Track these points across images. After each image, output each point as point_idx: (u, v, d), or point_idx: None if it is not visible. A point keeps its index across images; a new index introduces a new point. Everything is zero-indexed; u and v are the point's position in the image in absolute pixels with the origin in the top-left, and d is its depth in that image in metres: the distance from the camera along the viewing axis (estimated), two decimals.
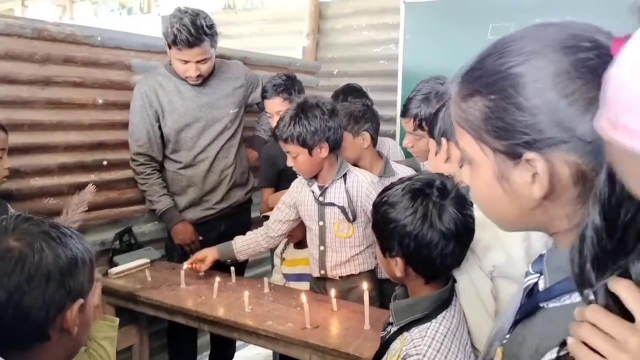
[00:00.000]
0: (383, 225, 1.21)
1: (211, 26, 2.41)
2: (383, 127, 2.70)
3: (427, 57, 3.47)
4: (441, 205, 1.15)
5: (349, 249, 2.14)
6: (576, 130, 0.58)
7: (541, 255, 0.71)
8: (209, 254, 2.27)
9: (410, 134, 2.13)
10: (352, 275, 2.16)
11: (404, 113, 2.13)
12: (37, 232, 1.00)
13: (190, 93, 2.55)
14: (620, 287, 0.51)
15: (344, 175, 2.11)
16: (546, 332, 0.55)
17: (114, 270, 2.37)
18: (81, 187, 2.39)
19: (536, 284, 0.69)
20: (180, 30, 2.32)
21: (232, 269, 2.31)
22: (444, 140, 1.35)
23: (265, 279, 2.25)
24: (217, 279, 2.16)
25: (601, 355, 0.51)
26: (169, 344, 2.78)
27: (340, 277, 2.17)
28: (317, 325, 1.84)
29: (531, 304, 0.67)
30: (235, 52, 3.06)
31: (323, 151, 2.04)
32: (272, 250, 2.68)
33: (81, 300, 1.03)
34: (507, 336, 0.71)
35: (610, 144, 0.46)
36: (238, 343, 3.00)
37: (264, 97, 2.72)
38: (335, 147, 2.08)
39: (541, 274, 0.69)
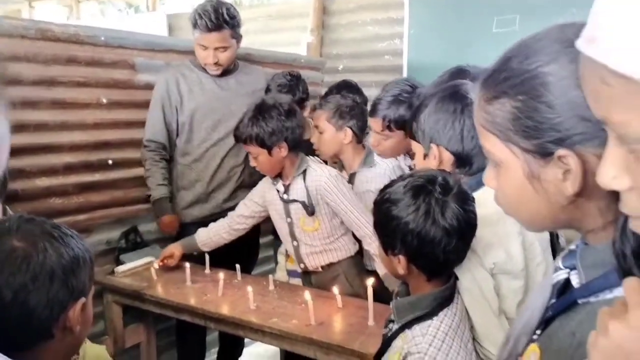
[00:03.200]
0: (385, 222, 1.20)
1: (233, 16, 2.50)
2: None
3: (432, 51, 3.46)
4: (444, 202, 1.14)
5: (318, 241, 2.20)
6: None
7: (570, 251, 0.71)
8: (175, 250, 2.38)
9: (378, 133, 2.16)
10: (332, 264, 2.23)
11: (372, 113, 2.16)
12: (40, 233, 1.01)
13: (210, 85, 2.62)
14: (625, 282, 0.51)
15: (304, 172, 2.16)
16: (590, 327, 0.55)
17: (120, 268, 2.38)
18: (87, 186, 2.42)
19: (568, 279, 0.69)
20: (201, 15, 2.44)
21: (238, 266, 2.32)
22: (433, 146, 1.35)
23: (270, 276, 2.25)
24: (222, 276, 2.16)
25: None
26: (178, 341, 2.79)
27: (321, 267, 2.23)
28: (322, 322, 1.84)
29: (568, 299, 0.67)
30: (240, 49, 3.05)
31: (282, 151, 2.09)
32: (276, 249, 2.70)
33: (83, 299, 1.04)
34: (538, 332, 0.71)
35: (583, 62, 0.48)
36: (246, 340, 3.01)
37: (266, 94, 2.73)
38: (294, 146, 2.13)
39: (572, 269, 0.69)
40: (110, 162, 2.52)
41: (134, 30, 2.67)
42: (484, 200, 1.07)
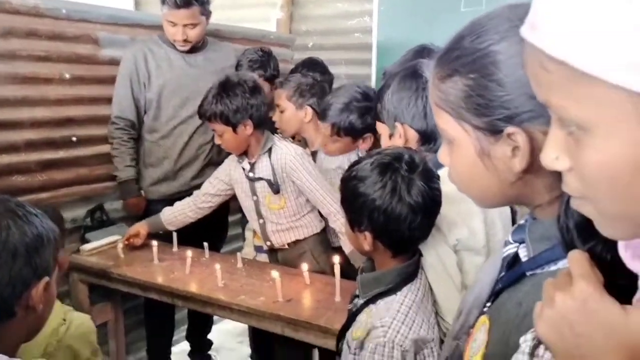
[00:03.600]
0: (352, 199, 1.22)
1: None
2: None
3: (401, 29, 3.45)
4: (410, 179, 1.16)
5: (284, 219, 2.22)
6: None
7: (520, 225, 0.73)
8: (140, 228, 2.36)
9: (326, 137, 2.15)
10: (298, 241, 2.25)
11: (323, 117, 2.14)
12: (3, 210, 1.00)
13: (179, 62, 2.57)
14: (570, 255, 0.53)
15: (270, 150, 2.16)
16: (535, 297, 0.57)
17: (86, 247, 2.35)
18: (50, 164, 2.36)
19: (516, 253, 0.71)
20: None
21: (206, 244, 2.32)
22: (397, 124, 1.36)
23: (239, 254, 2.26)
24: (190, 254, 2.16)
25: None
26: (146, 319, 2.78)
27: (287, 244, 2.25)
28: (290, 298, 1.86)
29: (516, 272, 0.69)
30: (209, 24, 2.98)
31: (247, 128, 2.09)
32: (244, 225, 2.70)
33: (47, 278, 1.03)
34: (489, 304, 0.73)
35: (525, 47, 0.49)
36: (215, 317, 3.02)
37: (237, 70, 2.70)
38: (259, 123, 2.13)
39: (521, 243, 0.70)
40: (74, 139, 2.46)
41: (97, 4, 2.58)
42: (447, 178, 1.09)
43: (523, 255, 0.70)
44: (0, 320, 0.99)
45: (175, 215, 2.37)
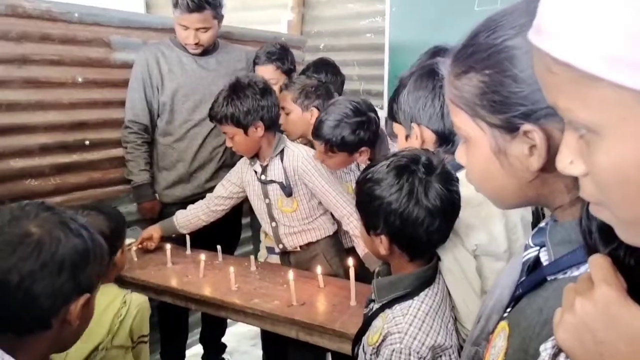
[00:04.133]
0: (368, 202, 1.20)
1: None
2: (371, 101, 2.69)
3: (413, 30, 3.43)
4: (427, 182, 1.14)
5: (297, 222, 2.20)
6: None
7: (540, 228, 0.71)
8: (154, 232, 2.35)
9: (321, 153, 2.09)
10: (311, 243, 2.23)
11: (316, 135, 2.07)
12: (57, 222, 1.00)
13: (191, 65, 2.57)
14: (591, 259, 0.52)
15: (282, 152, 2.14)
16: (556, 303, 0.55)
17: None
18: (63, 168, 2.37)
19: (537, 257, 0.69)
20: None
21: (219, 247, 2.31)
22: (414, 125, 1.33)
23: (252, 257, 2.24)
24: (203, 257, 2.15)
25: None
26: (160, 322, 2.77)
27: (300, 247, 2.23)
28: (304, 302, 1.84)
29: (537, 276, 0.67)
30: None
31: (259, 130, 2.07)
32: (256, 228, 2.70)
33: (87, 295, 1.03)
34: (509, 310, 0.71)
35: (534, 51, 0.48)
36: (229, 320, 3.01)
37: (255, 63, 2.72)
38: (271, 125, 2.11)
39: (541, 247, 0.69)
40: (87, 142, 2.46)
41: (109, 7, 2.59)
42: (467, 181, 1.06)
43: (544, 259, 0.68)
44: (34, 331, 0.98)
45: (189, 218, 2.36)
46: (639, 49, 0.38)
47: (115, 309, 1.55)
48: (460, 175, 1.16)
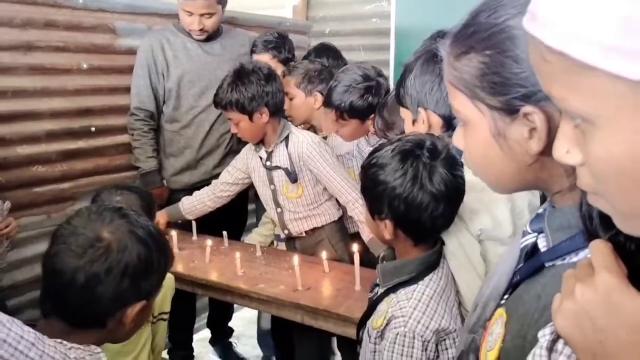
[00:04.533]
0: (372, 187, 1.20)
1: None
2: None
3: (420, 14, 3.39)
4: (431, 167, 1.14)
5: (302, 207, 2.20)
6: None
7: (538, 214, 0.70)
8: (160, 217, 2.34)
9: (333, 122, 2.15)
10: (316, 228, 2.24)
11: (327, 103, 2.14)
12: (128, 230, 1.04)
13: (196, 51, 2.57)
14: (592, 245, 0.51)
15: (287, 138, 2.14)
16: (554, 290, 0.54)
17: None
18: (70, 154, 2.38)
19: (535, 243, 0.68)
20: None
21: (225, 233, 2.32)
22: (421, 110, 1.33)
23: (258, 244, 2.25)
24: (210, 243, 2.16)
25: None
26: None
27: (305, 232, 2.24)
28: (309, 287, 1.85)
29: (534, 263, 0.66)
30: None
31: (264, 116, 2.07)
32: (260, 214, 2.71)
33: (144, 302, 1.06)
34: (506, 297, 0.71)
35: (528, 38, 0.47)
36: (236, 305, 3.03)
37: (252, 52, 2.70)
38: (275, 111, 2.12)
39: (539, 233, 0.68)
40: (93, 129, 2.47)
41: None
42: (465, 165, 1.06)
43: (542, 245, 0.67)
44: (90, 328, 1.03)
45: (195, 204, 2.37)
46: (634, 39, 0.37)
47: None
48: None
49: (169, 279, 1.66)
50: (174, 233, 2.26)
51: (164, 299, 1.66)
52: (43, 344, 0.91)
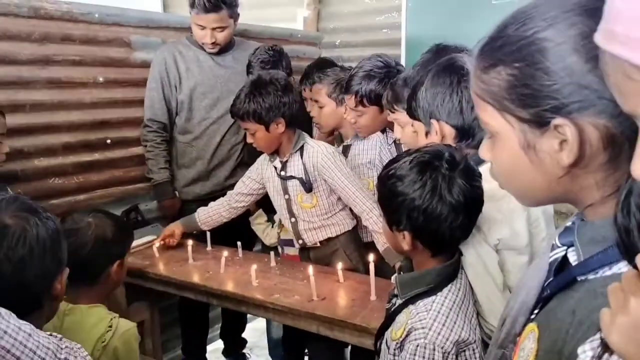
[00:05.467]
0: (390, 198, 1.20)
1: None
2: None
3: (430, 25, 3.41)
4: (450, 178, 1.14)
5: (316, 217, 2.21)
6: (603, 91, 0.56)
7: (567, 227, 0.70)
8: (175, 228, 2.38)
9: (352, 109, 2.19)
10: (330, 238, 2.24)
11: (346, 90, 2.19)
12: (27, 209, 1.09)
13: (208, 63, 2.60)
14: (638, 258, 0.50)
15: (301, 148, 2.16)
16: (590, 304, 0.55)
17: None
18: (86, 166, 2.41)
19: (565, 257, 0.67)
20: None
21: (239, 243, 2.33)
22: (433, 121, 1.34)
23: (272, 253, 2.26)
24: (225, 253, 2.17)
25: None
26: (181, 318, 2.82)
27: (319, 242, 2.24)
28: (324, 297, 1.85)
29: (566, 277, 0.65)
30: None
31: (280, 126, 2.09)
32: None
33: (67, 269, 1.15)
34: (536, 311, 0.70)
35: (604, 57, 0.47)
36: (249, 316, 3.04)
37: (249, 72, 2.59)
38: (291, 121, 2.13)
39: (569, 246, 0.67)
40: (108, 141, 2.51)
41: (127, 7, 2.62)
42: (489, 176, 1.07)
43: (572, 259, 0.66)
44: (30, 313, 1.07)
45: (210, 215, 2.38)
46: None
47: (99, 332, 1.43)
48: (482, 169, 1.17)
49: (132, 326, 1.50)
50: (189, 244, 2.27)
51: (130, 351, 1.48)
52: (38, 335, 0.96)
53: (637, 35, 0.42)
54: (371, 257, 1.88)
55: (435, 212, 1.13)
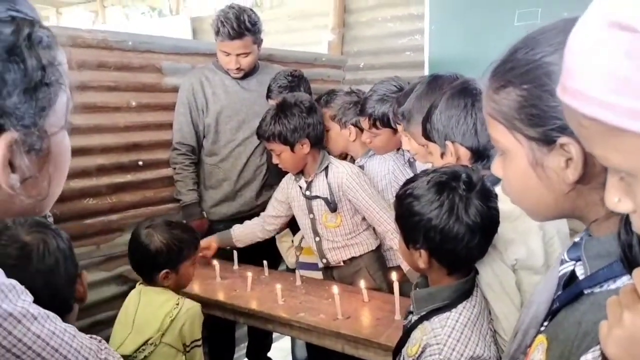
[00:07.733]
0: (407, 217, 1.22)
1: (254, 23, 2.55)
2: None
3: (453, 47, 3.45)
4: (467, 199, 1.16)
5: (340, 237, 2.25)
6: None
7: (575, 243, 0.73)
8: (212, 242, 2.44)
9: (367, 131, 2.26)
10: (354, 258, 2.27)
11: (361, 112, 2.27)
12: (40, 225, 1.18)
13: (234, 87, 2.68)
14: (635, 272, 0.53)
15: (326, 168, 2.20)
16: (595, 316, 0.57)
17: None
18: (119, 187, 2.50)
19: (573, 271, 0.71)
20: (223, 23, 2.49)
21: (265, 262, 2.37)
22: (448, 143, 1.37)
23: (297, 272, 2.30)
24: (250, 273, 2.22)
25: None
26: (208, 336, 2.84)
27: (343, 261, 2.27)
28: (349, 316, 1.88)
29: (573, 290, 0.68)
30: (262, 49, 3.09)
31: (305, 147, 2.15)
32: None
33: (86, 273, 1.28)
34: (546, 323, 0.73)
35: (563, 107, 0.52)
36: (275, 334, 3.07)
37: (268, 97, 2.63)
38: (316, 142, 2.19)
39: (577, 261, 0.70)
40: (140, 163, 2.59)
41: (160, 35, 2.73)
42: (505, 196, 1.09)
43: (580, 273, 0.69)
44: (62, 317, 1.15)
45: (246, 233, 2.45)
46: None
47: (168, 308, 1.69)
48: (498, 190, 1.19)
49: (195, 306, 1.75)
50: (216, 263, 2.33)
51: (193, 326, 1.73)
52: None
53: (580, 88, 0.47)
54: (394, 276, 1.90)
55: (452, 232, 1.16)
